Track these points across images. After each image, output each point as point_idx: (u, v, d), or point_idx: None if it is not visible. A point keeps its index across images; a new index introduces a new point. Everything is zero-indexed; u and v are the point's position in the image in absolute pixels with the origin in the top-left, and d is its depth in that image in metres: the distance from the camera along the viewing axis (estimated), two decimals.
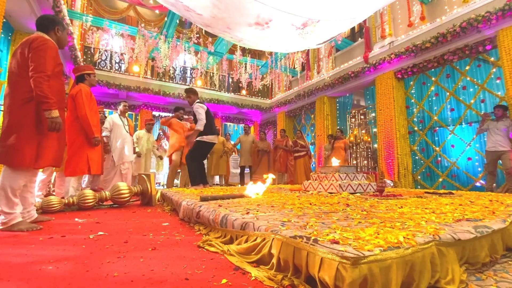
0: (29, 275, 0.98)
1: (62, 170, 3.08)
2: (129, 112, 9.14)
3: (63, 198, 2.67)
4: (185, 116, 5.63)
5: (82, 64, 7.24)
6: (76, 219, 2.10)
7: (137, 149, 5.26)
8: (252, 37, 5.10)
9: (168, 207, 2.71)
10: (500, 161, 4.39)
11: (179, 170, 5.75)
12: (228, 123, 12.27)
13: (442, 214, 1.42)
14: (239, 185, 6.73)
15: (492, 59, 5.02)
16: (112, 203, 2.91)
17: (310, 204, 1.87)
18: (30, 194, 1.93)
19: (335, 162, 3.06)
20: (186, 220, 1.99)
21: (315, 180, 3.09)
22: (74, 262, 1.12)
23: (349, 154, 8.05)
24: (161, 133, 7.26)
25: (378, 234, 0.90)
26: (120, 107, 4.48)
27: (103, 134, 3.97)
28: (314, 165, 8.61)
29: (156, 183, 6.67)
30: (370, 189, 2.95)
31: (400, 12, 6.44)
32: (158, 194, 3.43)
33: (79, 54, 6.53)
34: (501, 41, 4.61)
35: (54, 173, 3.68)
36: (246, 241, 1.15)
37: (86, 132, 2.84)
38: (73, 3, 6.90)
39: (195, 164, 3.91)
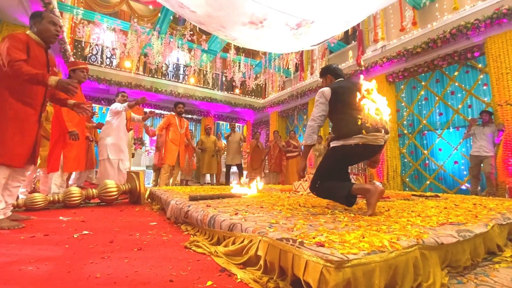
0: (8, 276, 0.95)
1: (46, 167, 3.00)
2: None
3: (47, 195, 2.60)
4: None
5: (72, 58, 7.07)
6: (61, 217, 2.05)
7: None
8: (247, 36, 5.09)
9: (157, 206, 2.68)
10: (482, 165, 4.51)
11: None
12: (221, 122, 12.22)
13: (427, 217, 1.44)
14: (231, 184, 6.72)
15: (480, 65, 5.15)
16: (99, 201, 2.86)
17: (299, 205, 1.87)
18: (8, 192, 1.85)
19: None
20: (174, 219, 1.96)
21: (306, 181, 3.11)
22: (55, 262, 1.09)
23: None
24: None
25: (364, 238, 0.91)
26: (119, 98, 4.07)
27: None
28: None
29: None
30: None
31: (392, 16, 6.54)
32: (147, 193, 3.38)
33: (68, 47, 6.37)
34: (489, 48, 4.74)
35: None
36: (233, 243, 1.14)
37: (61, 128, 2.75)
38: None
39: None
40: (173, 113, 4.96)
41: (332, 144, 1.89)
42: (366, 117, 1.61)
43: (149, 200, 3.29)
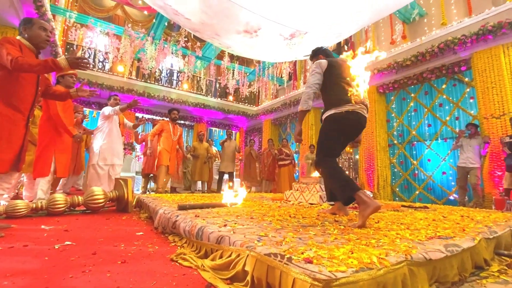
0: None
1: (31, 172, 2.91)
2: None
3: (31, 201, 2.51)
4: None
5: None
6: (43, 226, 1.97)
7: None
8: (241, 44, 5.13)
9: (145, 215, 2.61)
10: (468, 176, 4.61)
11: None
12: (214, 128, 12.18)
13: (416, 230, 1.45)
14: (222, 192, 6.64)
15: (466, 79, 5.32)
16: (85, 208, 2.77)
17: (290, 216, 1.86)
18: None
19: (316, 173, 3.09)
20: (161, 229, 1.91)
21: (297, 190, 3.10)
22: (33, 276, 1.04)
23: None
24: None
25: (352, 253, 0.90)
26: (111, 101, 3.94)
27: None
28: (297, 174, 8.68)
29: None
30: None
31: (383, 30, 6.72)
32: (135, 200, 3.30)
33: (60, 50, 6.29)
34: (475, 63, 4.90)
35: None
36: (221, 257, 1.11)
37: (57, 132, 2.70)
38: None
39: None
40: (167, 119, 4.95)
41: (325, 115, 2.01)
42: (355, 91, 1.83)
43: (137, 208, 3.22)
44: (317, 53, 2.30)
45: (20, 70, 1.73)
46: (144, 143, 5.89)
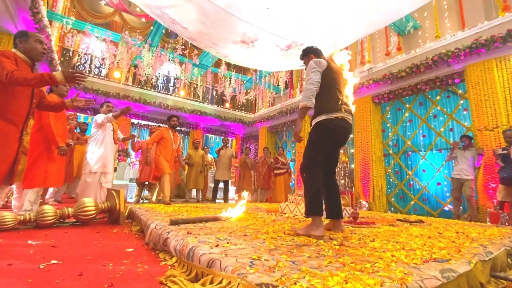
0: None
1: (21, 181, 2.84)
2: None
3: (19, 213, 2.44)
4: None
5: (58, 66, 6.93)
6: (30, 241, 1.91)
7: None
8: (238, 54, 5.15)
9: (136, 228, 2.55)
10: (463, 187, 4.62)
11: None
12: (210, 135, 12.15)
13: (411, 251, 1.43)
14: (223, 201, 6.58)
15: (460, 91, 5.39)
16: (75, 220, 2.70)
17: (284, 233, 1.82)
18: None
19: None
20: (152, 245, 1.87)
21: (292, 202, 3.07)
22: None
23: None
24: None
25: (346, 283, 0.87)
26: (104, 109, 3.87)
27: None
28: (293, 183, 8.65)
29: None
30: (345, 214, 2.97)
31: (378, 41, 6.82)
32: (127, 211, 3.24)
33: (55, 56, 6.25)
34: (468, 76, 4.98)
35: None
36: (211, 282, 1.08)
37: (49, 142, 2.65)
38: (55, 4, 6.67)
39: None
40: (165, 126, 4.80)
41: (315, 121, 2.04)
42: (344, 99, 1.97)
43: (129, 219, 3.15)
44: (308, 53, 2.30)
45: (15, 84, 1.71)
46: (141, 150, 5.81)
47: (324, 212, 2.00)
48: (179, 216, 2.56)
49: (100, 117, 3.61)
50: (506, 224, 3.18)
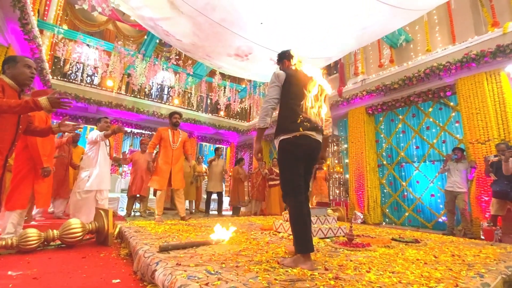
0: None
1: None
2: None
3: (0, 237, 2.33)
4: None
5: (49, 75, 6.81)
6: (10, 272, 1.81)
7: None
8: (232, 66, 5.13)
9: (125, 251, 2.46)
10: (456, 200, 4.63)
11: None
12: (204, 143, 12.06)
13: (408, 285, 1.38)
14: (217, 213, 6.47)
15: (452, 104, 5.45)
16: (60, 242, 2.59)
17: (278, 263, 1.76)
18: None
19: None
20: (140, 275, 1.78)
21: (286, 221, 3.02)
22: None
23: None
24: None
25: None
26: (101, 124, 3.70)
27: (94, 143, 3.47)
28: None
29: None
30: (340, 233, 2.93)
31: (371, 53, 6.90)
32: (117, 231, 3.14)
33: (46, 66, 6.14)
34: (460, 89, 5.04)
35: None
36: None
37: (34, 162, 2.56)
38: (46, 12, 6.59)
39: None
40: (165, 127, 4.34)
41: (276, 141, 1.94)
42: (307, 115, 1.82)
43: (118, 239, 3.05)
44: (281, 58, 2.20)
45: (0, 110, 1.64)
46: (131, 162, 5.68)
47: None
48: (170, 239, 2.48)
49: (93, 135, 3.51)
50: (500, 241, 3.17)
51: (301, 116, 1.82)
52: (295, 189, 1.82)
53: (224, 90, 9.15)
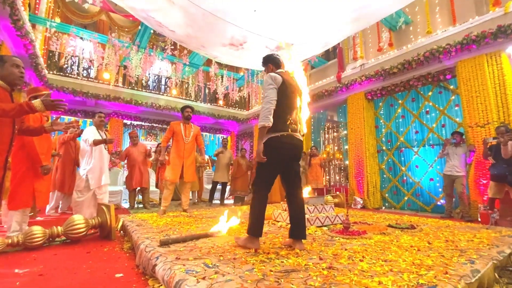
0: None
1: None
2: None
3: (7, 236, 2.41)
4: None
5: (45, 70, 6.76)
6: (16, 270, 1.88)
7: None
8: (228, 55, 5.05)
9: (128, 245, 2.53)
10: (454, 184, 4.66)
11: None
12: (205, 133, 12.07)
13: (399, 273, 1.43)
14: (220, 202, 6.57)
15: (452, 87, 5.38)
16: (65, 238, 2.67)
17: (275, 253, 1.81)
18: None
19: (305, 192, 3.06)
20: (142, 269, 1.85)
21: (285, 210, 3.07)
22: None
23: (322, 170, 8.18)
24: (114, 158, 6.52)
25: None
26: (95, 119, 3.77)
27: (90, 143, 3.45)
28: None
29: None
30: (337, 221, 2.98)
31: (370, 36, 6.75)
32: (120, 224, 3.22)
33: (41, 61, 6.08)
34: (460, 71, 4.96)
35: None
36: None
37: (33, 161, 2.59)
38: (37, 6, 6.45)
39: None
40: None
41: (264, 139, 2.05)
42: (294, 119, 2.04)
43: (121, 232, 3.13)
44: (267, 62, 2.31)
45: None
46: (127, 158, 5.68)
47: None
48: (171, 232, 2.54)
49: (86, 135, 3.51)
50: (497, 223, 3.22)
51: (290, 118, 2.02)
52: (263, 183, 2.03)
53: (222, 79, 9.05)
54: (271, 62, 2.27)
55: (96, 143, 3.42)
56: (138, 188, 5.55)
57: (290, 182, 2.11)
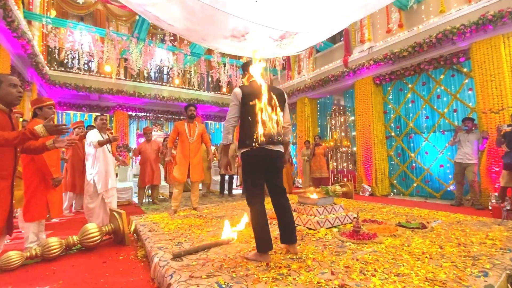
0: None
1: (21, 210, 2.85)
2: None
3: (24, 249, 2.49)
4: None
5: (46, 67, 6.69)
6: None
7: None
8: (229, 47, 4.88)
9: (142, 252, 2.60)
10: (465, 172, 4.58)
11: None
12: (209, 121, 12.02)
13: (411, 283, 1.43)
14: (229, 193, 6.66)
15: (465, 69, 5.14)
16: (81, 246, 2.75)
17: (287, 267, 1.83)
18: None
19: (314, 194, 3.04)
20: (157, 284, 1.90)
21: (293, 211, 3.08)
22: None
23: (330, 157, 8.14)
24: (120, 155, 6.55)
25: None
26: (97, 122, 3.73)
27: (91, 148, 3.48)
28: (295, 171, 8.68)
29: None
30: (347, 220, 2.99)
31: (379, 17, 6.40)
32: (133, 227, 3.29)
33: (41, 59, 6.00)
34: (474, 54, 4.71)
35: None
36: None
37: (44, 173, 2.61)
38: (31, 1, 6.25)
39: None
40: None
41: (238, 152, 2.14)
42: (264, 130, 1.91)
43: (134, 235, 3.21)
44: (244, 70, 2.33)
45: None
46: (140, 154, 5.74)
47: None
48: (182, 239, 2.59)
49: (89, 138, 3.50)
50: (508, 217, 3.18)
51: (256, 132, 1.93)
52: (253, 192, 2.03)
53: (225, 67, 8.84)
54: (244, 69, 2.31)
55: (100, 143, 3.42)
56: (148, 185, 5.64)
57: (272, 191, 2.14)
